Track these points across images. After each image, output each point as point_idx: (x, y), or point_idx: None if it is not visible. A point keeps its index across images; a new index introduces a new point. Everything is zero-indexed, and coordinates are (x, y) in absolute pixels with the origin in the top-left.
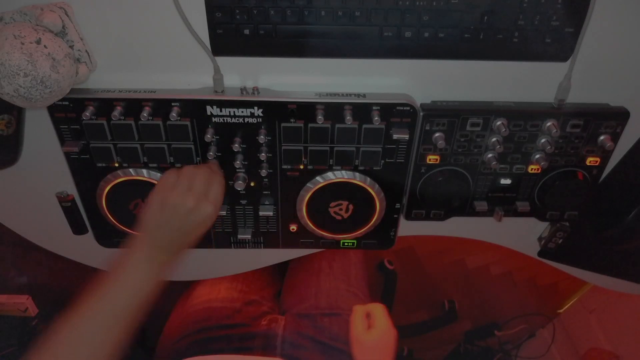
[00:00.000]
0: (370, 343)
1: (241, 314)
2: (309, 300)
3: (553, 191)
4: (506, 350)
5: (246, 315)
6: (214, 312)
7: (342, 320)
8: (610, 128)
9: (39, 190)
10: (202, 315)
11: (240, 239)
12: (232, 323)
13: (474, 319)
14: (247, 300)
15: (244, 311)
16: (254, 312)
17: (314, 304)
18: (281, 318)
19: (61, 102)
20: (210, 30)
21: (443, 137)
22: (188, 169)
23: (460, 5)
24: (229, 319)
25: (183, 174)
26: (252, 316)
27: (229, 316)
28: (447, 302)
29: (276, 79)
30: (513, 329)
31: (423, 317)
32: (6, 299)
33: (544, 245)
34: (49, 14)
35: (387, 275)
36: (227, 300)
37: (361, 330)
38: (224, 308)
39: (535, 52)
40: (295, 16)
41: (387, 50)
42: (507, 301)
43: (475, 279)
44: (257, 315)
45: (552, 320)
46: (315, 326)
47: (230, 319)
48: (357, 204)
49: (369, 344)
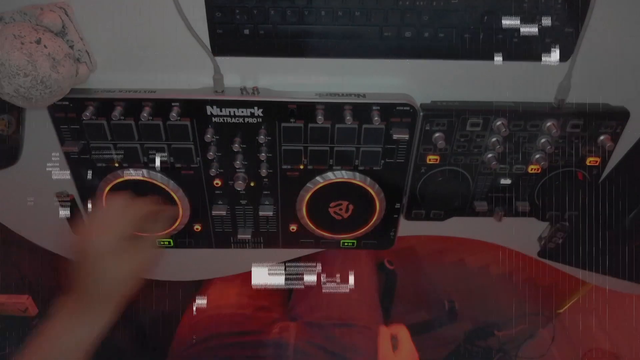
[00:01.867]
0: None
1: (252, 321)
2: (321, 310)
3: (553, 191)
4: (506, 350)
5: (257, 322)
6: (225, 319)
7: (354, 331)
8: (610, 128)
9: (39, 190)
10: (213, 322)
11: (240, 239)
12: (244, 330)
13: (474, 319)
14: (258, 306)
15: (255, 318)
16: (265, 318)
17: (326, 314)
18: (292, 325)
19: (61, 102)
20: (210, 30)
21: (443, 137)
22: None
23: (460, 5)
24: (241, 326)
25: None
26: (264, 322)
27: (240, 323)
28: (447, 302)
29: (276, 79)
30: (513, 329)
31: (423, 317)
32: (6, 299)
33: (544, 245)
34: (49, 13)
35: (387, 275)
36: (237, 307)
37: (387, 352)
38: (235, 315)
39: (535, 52)
40: (295, 16)
41: (387, 50)
42: (507, 301)
43: (475, 279)
44: (268, 322)
45: (552, 320)
46: (326, 336)
47: (241, 326)
48: (357, 204)
49: None
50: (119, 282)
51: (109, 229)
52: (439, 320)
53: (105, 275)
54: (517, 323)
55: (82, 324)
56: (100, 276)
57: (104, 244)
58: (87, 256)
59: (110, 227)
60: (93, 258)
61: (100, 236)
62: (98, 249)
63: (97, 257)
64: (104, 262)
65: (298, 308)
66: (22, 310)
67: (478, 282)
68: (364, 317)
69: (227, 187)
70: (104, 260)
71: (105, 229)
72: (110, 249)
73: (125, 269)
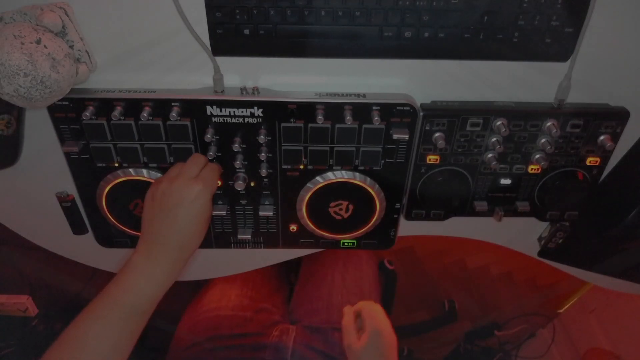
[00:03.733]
0: (361, 352)
1: (252, 322)
2: (321, 314)
3: (553, 191)
4: (506, 350)
5: (257, 324)
6: (225, 321)
7: None
8: (610, 128)
9: (39, 190)
10: (212, 323)
11: (240, 239)
12: (244, 332)
13: (474, 319)
14: (258, 308)
15: (255, 320)
16: (265, 320)
17: (326, 318)
18: (292, 328)
19: (61, 102)
20: (210, 30)
21: (443, 137)
22: (178, 163)
23: (460, 5)
24: (241, 328)
25: (173, 166)
26: (264, 324)
27: (240, 325)
28: (447, 302)
29: (276, 79)
30: (513, 329)
31: (423, 317)
32: (6, 299)
33: (544, 245)
34: (49, 14)
35: (387, 275)
36: (237, 309)
37: (352, 337)
38: (235, 317)
39: (535, 52)
40: (295, 16)
41: (387, 50)
42: (507, 301)
43: (475, 279)
44: (268, 324)
45: (552, 320)
46: (326, 340)
47: (241, 328)
48: (357, 204)
49: (360, 353)
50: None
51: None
52: (439, 320)
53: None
54: (517, 323)
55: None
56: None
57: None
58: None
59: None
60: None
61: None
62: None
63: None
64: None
65: (298, 311)
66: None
67: (478, 282)
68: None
69: (227, 187)
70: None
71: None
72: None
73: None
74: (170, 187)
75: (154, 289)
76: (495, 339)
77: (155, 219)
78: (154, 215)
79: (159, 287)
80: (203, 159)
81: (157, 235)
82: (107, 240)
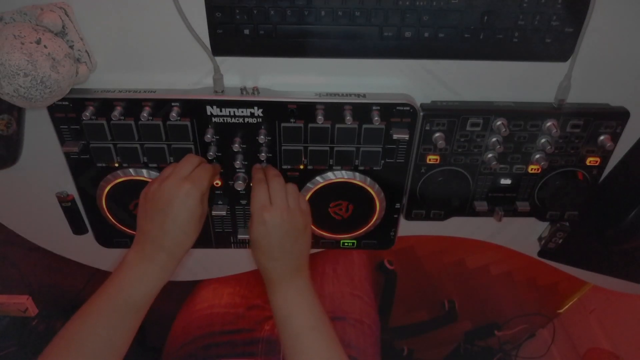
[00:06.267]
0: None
1: (244, 319)
2: None
3: (553, 191)
4: (506, 350)
5: (249, 320)
6: (217, 318)
7: (346, 324)
8: (610, 128)
9: (39, 190)
10: (205, 321)
11: (240, 239)
12: (236, 329)
13: (474, 319)
14: (250, 305)
15: (247, 316)
16: (257, 317)
17: None
18: None
19: (61, 102)
20: (210, 30)
21: (443, 137)
22: (173, 163)
23: (460, 5)
24: (233, 325)
25: (167, 167)
26: (255, 320)
27: (232, 322)
28: (447, 302)
29: (276, 79)
30: (513, 329)
31: (423, 317)
32: (6, 299)
33: (544, 245)
34: (49, 14)
35: (387, 275)
36: (229, 306)
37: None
38: (227, 314)
39: (535, 52)
40: (295, 16)
41: (387, 50)
42: (507, 301)
43: (475, 279)
44: (260, 320)
45: (552, 320)
46: None
47: (233, 325)
48: (357, 204)
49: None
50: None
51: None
52: (439, 320)
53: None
54: (517, 323)
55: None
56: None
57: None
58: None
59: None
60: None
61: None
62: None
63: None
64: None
65: None
66: (22, 311)
67: (478, 282)
68: (356, 310)
69: (227, 187)
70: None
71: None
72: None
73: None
74: (161, 187)
75: (148, 287)
76: (495, 339)
77: (147, 219)
78: (146, 214)
79: (152, 285)
80: (196, 159)
81: (149, 234)
82: (107, 240)
